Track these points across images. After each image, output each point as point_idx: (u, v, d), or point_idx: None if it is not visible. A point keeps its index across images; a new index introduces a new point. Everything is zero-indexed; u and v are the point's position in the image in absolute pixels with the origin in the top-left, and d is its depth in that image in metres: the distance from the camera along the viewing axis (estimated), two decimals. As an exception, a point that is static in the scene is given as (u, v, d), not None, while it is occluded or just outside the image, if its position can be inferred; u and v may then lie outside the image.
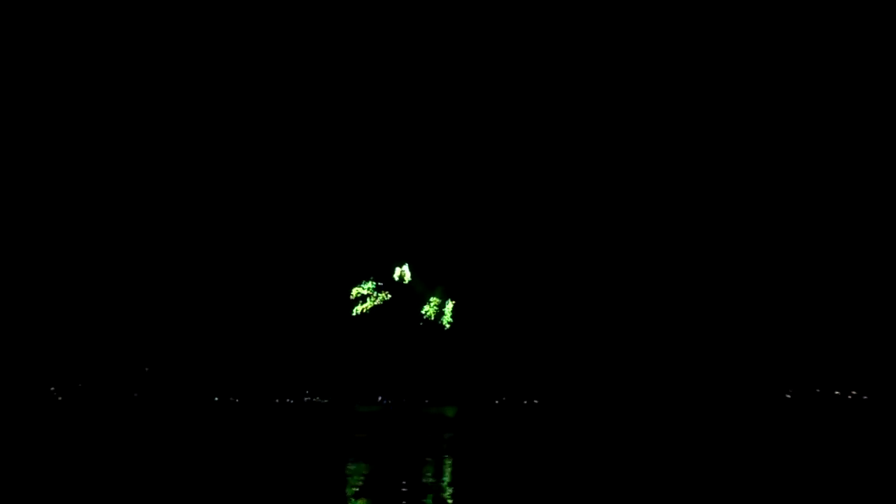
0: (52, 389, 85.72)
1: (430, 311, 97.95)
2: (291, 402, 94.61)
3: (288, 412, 53.24)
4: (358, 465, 14.25)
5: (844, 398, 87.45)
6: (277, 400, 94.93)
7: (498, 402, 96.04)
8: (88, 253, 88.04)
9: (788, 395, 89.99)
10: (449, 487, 10.46)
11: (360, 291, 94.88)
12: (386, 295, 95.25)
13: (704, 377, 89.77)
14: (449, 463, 14.56)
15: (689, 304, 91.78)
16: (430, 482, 11.37)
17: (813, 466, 13.92)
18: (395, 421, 36.41)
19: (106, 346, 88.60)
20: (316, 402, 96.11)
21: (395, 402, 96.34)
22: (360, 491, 10.45)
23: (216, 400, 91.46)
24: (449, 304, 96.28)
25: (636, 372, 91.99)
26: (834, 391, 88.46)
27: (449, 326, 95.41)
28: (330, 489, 10.79)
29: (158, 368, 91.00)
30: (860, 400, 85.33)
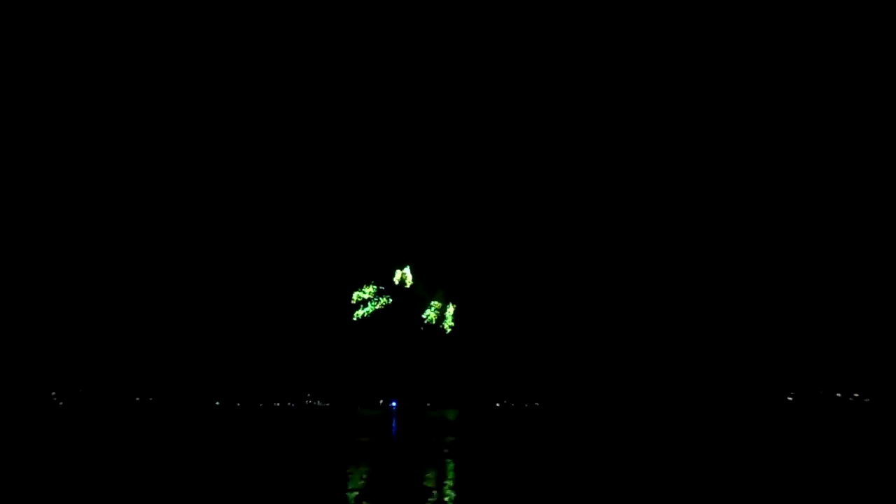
0: (52, 394, 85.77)
1: (431, 315, 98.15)
2: (292, 405, 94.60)
3: (289, 416, 53.25)
4: (359, 468, 14.25)
5: (846, 401, 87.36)
6: (278, 403, 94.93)
7: (499, 404, 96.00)
8: (89, 257, 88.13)
9: (790, 397, 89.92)
10: (451, 491, 10.46)
11: (360, 296, 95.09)
12: (387, 299, 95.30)
13: (706, 380, 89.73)
14: (451, 466, 14.56)
15: (690, 306, 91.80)
16: (431, 486, 11.37)
17: (814, 469, 13.91)
18: (396, 423, 36.39)
19: (107, 350, 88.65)
20: (317, 405, 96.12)
21: (397, 404, 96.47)
22: (361, 494, 10.45)
23: (217, 404, 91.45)
24: (450, 308, 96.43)
25: (637, 375, 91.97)
26: (835, 394, 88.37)
27: (450, 331, 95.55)
28: (331, 492, 10.79)
29: (159, 373, 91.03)
30: (862, 402, 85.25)
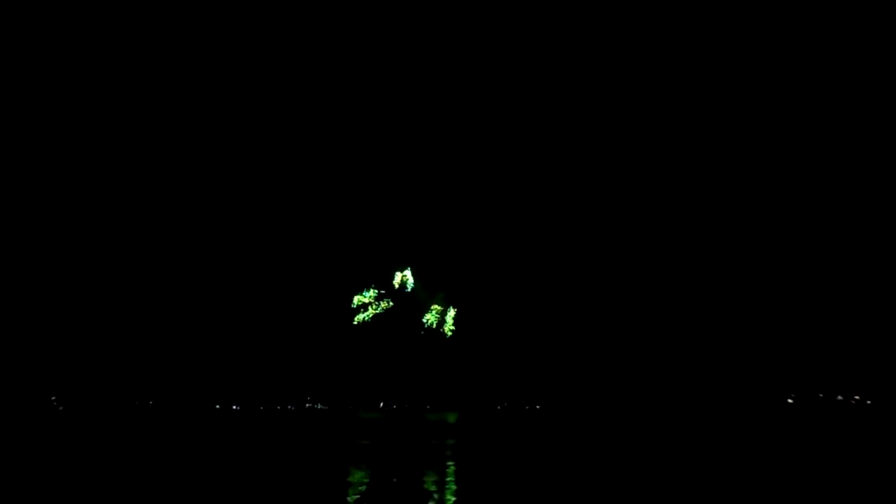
0: (52, 399, 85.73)
1: (431, 319, 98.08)
2: (292, 408, 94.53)
3: (289, 419, 53.17)
4: (360, 471, 14.24)
5: (847, 403, 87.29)
6: (279, 407, 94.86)
7: (499, 407, 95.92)
8: (90, 263, 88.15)
9: (791, 399, 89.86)
10: (452, 496, 10.45)
11: (361, 300, 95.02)
12: (387, 303, 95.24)
13: (707, 382, 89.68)
14: (451, 469, 14.55)
15: (691, 310, 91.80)
16: (432, 489, 11.37)
17: (814, 471, 13.91)
18: (397, 426, 36.35)
19: (107, 355, 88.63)
20: (317, 408, 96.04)
21: (397, 407, 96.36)
22: (361, 497, 10.44)
23: (217, 407, 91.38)
24: (451, 311, 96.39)
25: (638, 377, 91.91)
26: (836, 396, 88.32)
27: (451, 334, 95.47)
28: (332, 495, 10.79)
29: (159, 377, 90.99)
30: (863, 405, 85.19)
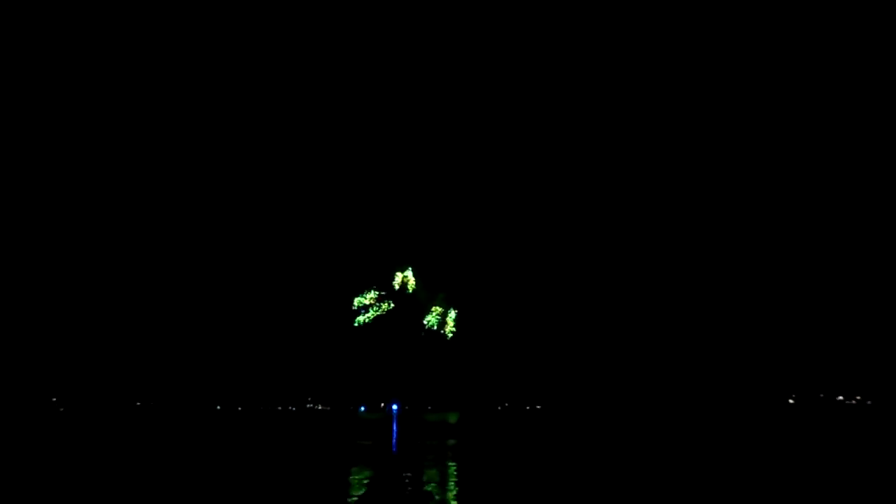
0: (53, 400, 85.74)
1: (432, 320, 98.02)
2: (294, 409, 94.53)
3: (290, 419, 53.18)
4: (361, 471, 14.28)
5: (847, 403, 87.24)
6: (280, 407, 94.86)
7: (500, 407, 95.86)
8: (90, 264, 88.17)
9: (791, 400, 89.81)
10: (454, 500, 10.49)
11: (362, 301, 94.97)
12: (388, 304, 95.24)
13: (707, 382, 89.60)
14: (453, 469, 14.59)
15: (691, 310, 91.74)
16: (433, 489, 11.40)
17: (815, 472, 13.94)
18: (398, 427, 36.37)
19: (108, 356, 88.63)
20: (318, 409, 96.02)
21: (398, 407, 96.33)
22: (363, 497, 10.48)
23: (218, 408, 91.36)
24: (452, 313, 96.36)
25: (638, 377, 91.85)
26: (837, 397, 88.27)
27: (452, 336, 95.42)
28: (333, 496, 10.82)
29: (161, 377, 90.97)
30: (864, 405, 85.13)
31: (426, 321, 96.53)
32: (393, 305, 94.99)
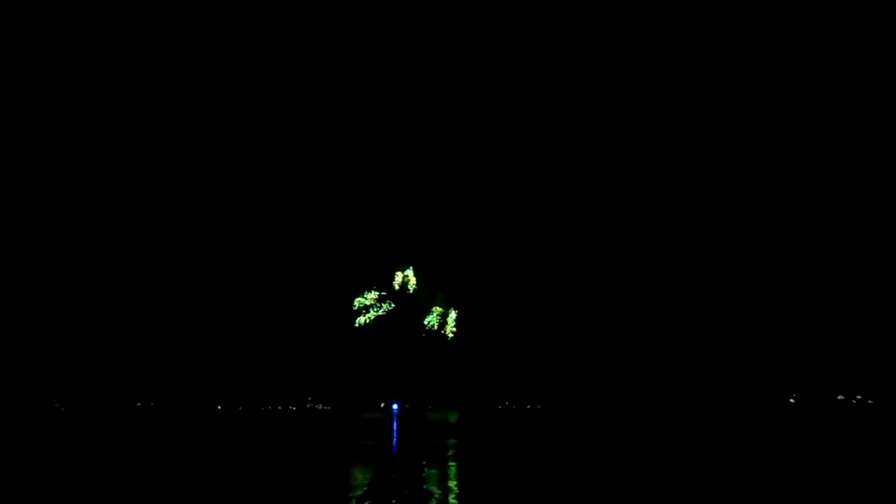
0: (53, 400, 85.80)
1: (433, 320, 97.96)
2: (294, 409, 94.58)
3: (290, 420, 53.21)
4: (362, 471, 14.26)
5: (848, 402, 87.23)
6: (280, 407, 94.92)
7: (500, 406, 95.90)
8: (90, 263, 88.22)
9: (792, 399, 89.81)
10: (455, 500, 10.46)
11: (362, 302, 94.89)
12: (389, 305, 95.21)
13: (707, 382, 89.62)
14: (453, 469, 14.56)
15: (691, 309, 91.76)
16: (434, 489, 11.37)
17: (816, 471, 13.91)
18: (398, 426, 36.36)
19: (107, 356, 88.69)
20: (318, 409, 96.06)
21: (398, 407, 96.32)
22: (363, 497, 10.45)
23: (219, 408, 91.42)
24: (452, 313, 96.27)
25: (639, 376, 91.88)
26: (838, 396, 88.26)
27: (452, 336, 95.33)
28: (333, 495, 10.79)
29: (161, 378, 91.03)
30: (864, 404, 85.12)
31: (426, 321, 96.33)
32: (393, 306, 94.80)
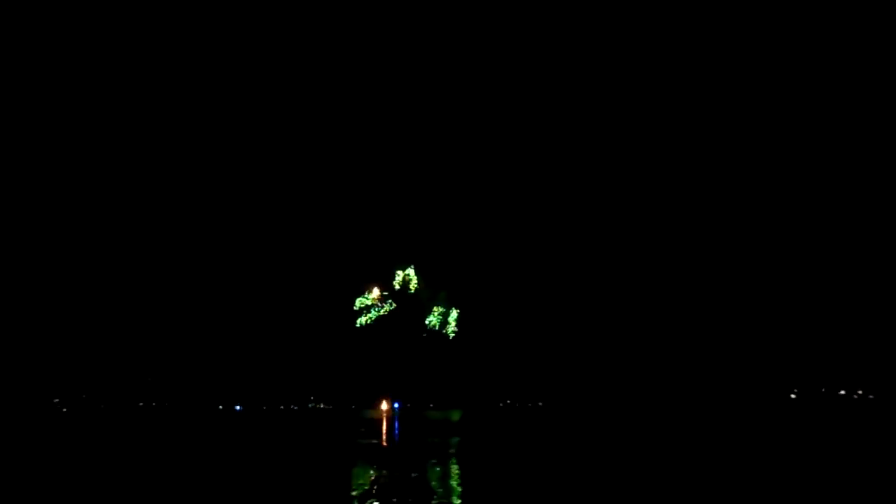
0: (56, 401, 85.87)
1: (434, 320, 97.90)
2: (295, 408, 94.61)
3: (292, 419, 53.29)
4: (364, 469, 14.29)
5: (850, 398, 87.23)
6: (282, 406, 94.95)
7: (502, 404, 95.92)
8: (92, 264, 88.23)
9: (793, 394, 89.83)
10: (458, 499, 10.49)
11: (364, 302, 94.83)
12: (390, 304, 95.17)
13: (709, 378, 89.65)
14: (455, 467, 14.58)
15: (692, 305, 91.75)
16: (436, 486, 11.40)
17: (817, 466, 13.94)
18: (400, 425, 36.42)
19: (109, 356, 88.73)
20: (320, 408, 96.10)
21: (400, 405, 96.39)
22: (365, 495, 10.48)
23: (220, 408, 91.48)
24: (453, 312, 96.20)
25: (640, 373, 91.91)
26: (839, 391, 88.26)
27: (453, 336, 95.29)
28: (336, 494, 10.82)
29: (162, 378, 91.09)
30: (866, 399, 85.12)
31: (428, 321, 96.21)
32: (395, 305, 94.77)
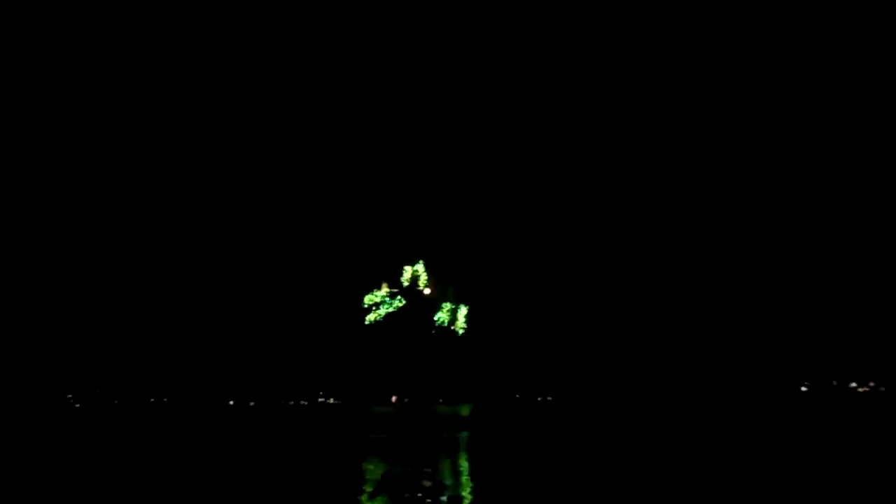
0: (69, 396, 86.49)
1: (443, 316, 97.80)
2: (305, 403, 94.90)
3: (302, 414, 53.52)
4: (374, 464, 14.39)
5: (860, 390, 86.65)
6: (292, 402, 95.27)
7: (511, 399, 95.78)
8: (103, 261, 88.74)
9: (804, 387, 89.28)
10: (468, 494, 10.57)
11: (372, 299, 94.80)
12: (399, 301, 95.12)
13: (719, 371, 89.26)
14: (465, 460, 14.67)
15: (702, 298, 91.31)
16: (446, 479, 11.49)
17: (828, 459, 13.93)
18: (410, 420, 36.51)
19: (122, 352, 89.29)
20: (330, 403, 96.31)
21: (409, 400, 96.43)
22: (376, 489, 10.59)
23: (231, 404, 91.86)
24: (462, 308, 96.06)
25: (650, 367, 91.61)
26: (850, 384, 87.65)
27: (462, 332, 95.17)
28: (347, 488, 10.92)
29: (174, 374, 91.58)
30: (877, 392, 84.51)
31: (437, 317, 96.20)
32: (404, 302, 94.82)
